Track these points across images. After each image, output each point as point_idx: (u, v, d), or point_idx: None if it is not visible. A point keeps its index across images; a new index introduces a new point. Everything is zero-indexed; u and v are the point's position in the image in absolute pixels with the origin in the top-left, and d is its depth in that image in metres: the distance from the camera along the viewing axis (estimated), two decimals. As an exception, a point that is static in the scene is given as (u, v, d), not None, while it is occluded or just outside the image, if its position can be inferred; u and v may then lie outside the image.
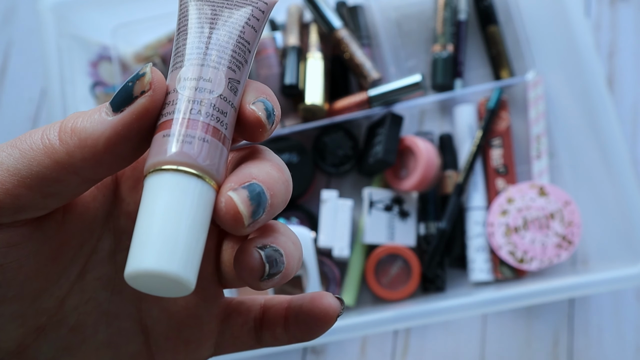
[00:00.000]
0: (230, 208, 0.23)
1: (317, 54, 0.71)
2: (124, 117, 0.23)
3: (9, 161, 0.22)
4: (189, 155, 0.23)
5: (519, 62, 0.74)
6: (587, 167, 0.69)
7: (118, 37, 0.73)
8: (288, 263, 0.25)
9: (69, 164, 0.22)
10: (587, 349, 0.70)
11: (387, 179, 0.72)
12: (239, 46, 0.26)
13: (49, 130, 0.23)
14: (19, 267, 0.23)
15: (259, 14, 0.27)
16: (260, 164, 0.24)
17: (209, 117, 0.24)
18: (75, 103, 0.71)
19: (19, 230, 0.23)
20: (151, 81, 0.23)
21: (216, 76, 0.25)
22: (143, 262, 0.21)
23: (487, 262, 0.70)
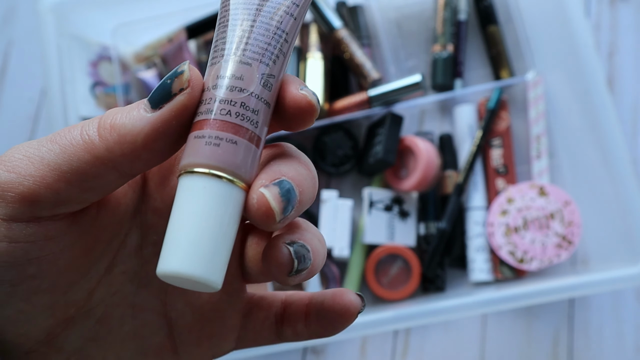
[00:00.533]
0: (262, 204, 0.23)
1: (317, 54, 0.71)
2: (163, 114, 0.23)
3: (50, 156, 0.23)
4: (217, 158, 0.23)
5: (519, 62, 0.74)
6: (587, 167, 0.69)
7: (118, 37, 0.73)
8: (314, 259, 0.25)
9: (108, 159, 0.23)
10: (587, 349, 0.70)
11: (387, 179, 0.72)
12: (275, 38, 0.25)
13: (88, 126, 0.23)
14: (55, 259, 0.24)
15: (301, 0, 0.27)
16: (289, 161, 0.25)
17: (238, 117, 0.24)
18: (75, 103, 0.71)
19: (57, 223, 0.24)
20: (189, 79, 0.23)
21: (249, 73, 0.24)
22: (172, 263, 0.22)
23: (487, 262, 0.70)
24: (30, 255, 0.23)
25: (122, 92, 0.73)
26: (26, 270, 0.23)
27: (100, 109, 0.74)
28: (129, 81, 0.75)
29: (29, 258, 0.23)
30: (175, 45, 0.73)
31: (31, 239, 0.23)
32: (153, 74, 0.75)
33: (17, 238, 0.23)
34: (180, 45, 0.73)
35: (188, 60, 0.24)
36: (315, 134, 0.73)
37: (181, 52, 0.73)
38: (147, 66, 0.75)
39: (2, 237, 0.23)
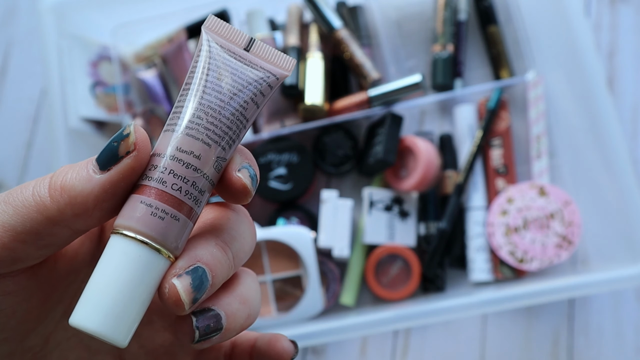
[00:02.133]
0: (173, 295, 0.24)
1: (317, 54, 0.71)
2: (111, 176, 0.24)
3: (4, 217, 0.24)
4: (154, 229, 0.24)
5: (519, 62, 0.74)
6: (587, 167, 0.69)
7: (118, 37, 0.73)
8: (229, 325, 0.26)
9: (60, 220, 0.24)
10: (587, 349, 0.70)
11: (387, 179, 0.72)
12: (237, 124, 0.26)
13: (39, 186, 0.24)
14: (13, 312, 0.25)
15: (267, 90, 0.27)
16: (208, 242, 0.26)
17: (187, 196, 0.25)
18: (76, 103, 0.71)
19: (15, 279, 0.24)
20: (135, 142, 0.24)
21: (206, 154, 0.25)
22: (81, 317, 0.23)
23: (487, 262, 0.70)
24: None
25: (122, 92, 0.73)
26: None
27: (100, 109, 0.74)
28: (129, 81, 0.75)
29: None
30: (175, 45, 0.73)
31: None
32: (153, 74, 0.75)
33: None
34: (180, 45, 0.73)
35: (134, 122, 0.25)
36: (315, 134, 0.73)
37: (181, 52, 0.73)
38: (147, 66, 0.75)
39: None
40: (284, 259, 0.68)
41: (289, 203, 0.72)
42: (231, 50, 0.27)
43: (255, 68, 0.27)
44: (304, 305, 0.66)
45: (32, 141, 0.80)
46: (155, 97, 0.75)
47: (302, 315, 0.66)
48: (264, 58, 0.28)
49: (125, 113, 0.71)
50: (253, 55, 0.27)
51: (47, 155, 0.79)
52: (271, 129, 0.71)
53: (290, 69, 0.28)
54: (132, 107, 0.75)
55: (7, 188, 0.79)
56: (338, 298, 0.71)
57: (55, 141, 0.69)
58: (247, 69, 0.27)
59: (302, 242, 0.66)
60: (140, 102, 0.76)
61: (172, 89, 0.75)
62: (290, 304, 0.68)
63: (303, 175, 0.71)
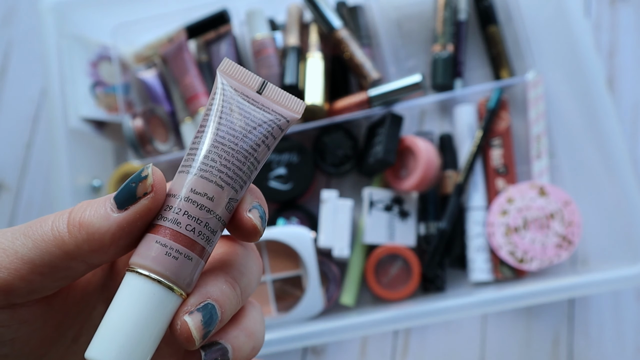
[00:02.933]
0: (184, 331, 0.25)
1: (317, 54, 0.71)
2: (128, 216, 0.25)
3: (23, 251, 0.25)
4: (168, 268, 0.25)
5: (519, 62, 0.74)
6: (587, 167, 0.69)
7: (118, 37, 0.73)
8: (235, 357, 0.27)
9: (77, 255, 0.25)
10: (587, 349, 0.70)
11: (387, 179, 0.72)
12: (249, 166, 0.27)
13: (58, 221, 0.25)
14: (28, 340, 0.26)
15: (278, 132, 0.28)
16: (218, 279, 0.27)
17: (200, 236, 0.26)
18: (76, 103, 0.71)
19: (30, 308, 0.26)
20: (152, 184, 0.25)
21: (219, 196, 0.26)
22: (97, 351, 0.24)
23: (487, 262, 0.70)
24: (4, 338, 0.25)
25: (122, 92, 0.73)
26: (0, 351, 0.25)
27: (100, 109, 0.74)
28: (129, 81, 0.75)
29: (3, 340, 0.25)
30: (175, 45, 0.73)
31: (6, 323, 0.25)
32: (153, 74, 0.75)
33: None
34: (180, 45, 0.73)
35: (151, 164, 0.27)
36: (315, 134, 0.73)
37: (181, 52, 0.73)
38: (147, 66, 0.75)
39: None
40: (284, 259, 0.68)
41: (289, 203, 0.72)
42: (244, 93, 0.28)
43: (267, 111, 0.28)
44: (304, 305, 0.66)
45: (32, 141, 0.80)
46: (155, 97, 0.75)
47: (302, 315, 0.66)
48: (276, 101, 0.29)
49: (125, 113, 0.71)
50: (265, 98, 0.29)
51: (47, 156, 0.79)
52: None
53: (300, 111, 0.29)
54: (132, 107, 0.75)
55: (7, 188, 0.79)
56: (338, 298, 0.71)
57: (55, 141, 0.69)
58: (259, 112, 0.28)
59: (302, 242, 0.66)
60: (140, 102, 0.76)
61: (172, 89, 0.75)
62: (290, 304, 0.68)
63: (303, 175, 0.71)
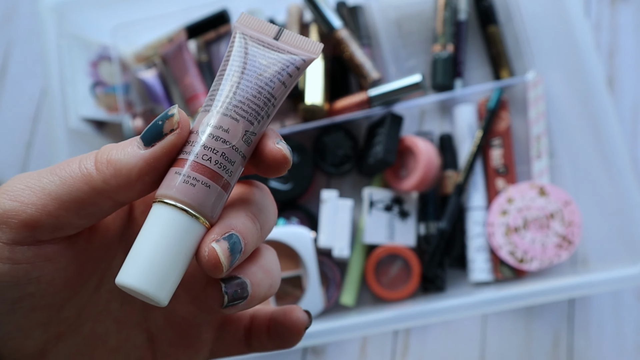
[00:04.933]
0: (212, 257, 0.26)
1: (317, 54, 0.71)
2: (155, 151, 0.26)
3: (51, 187, 0.26)
4: (190, 196, 0.26)
5: (519, 62, 0.74)
6: (587, 167, 0.69)
7: (118, 37, 0.73)
8: (254, 292, 0.28)
9: (104, 190, 0.26)
10: (587, 349, 0.70)
11: (387, 179, 0.72)
12: (265, 101, 0.28)
13: (86, 160, 0.26)
14: (52, 279, 0.27)
15: (294, 71, 0.29)
16: (240, 213, 0.28)
17: (217, 165, 0.27)
18: (76, 103, 0.71)
19: (55, 246, 0.26)
20: (179, 121, 0.27)
21: (235, 128, 0.28)
22: (128, 277, 0.25)
23: (487, 262, 0.70)
24: (31, 275, 0.26)
25: (122, 92, 0.73)
26: (26, 289, 0.26)
27: (100, 109, 0.74)
28: (129, 81, 0.75)
29: (29, 278, 0.26)
30: (175, 45, 0.73)
31: (32, 260, 0.26)
32: (153, 74, 0.75)
33: (19, 260, 0.25)
34: (180, 45, 0.73)
35: (177, 104, 0.28)
36: (315, 134, 0.73)
37: (181, 52, 0.73)
38: (147, 66, 0.75)
39: (5, 259, 0.25)
40: (284, 259, 0.68)
41: (289, 203, 0.72)
42: (261, 39, 0.30)
43: (282, 52, 0.29)
44: (304, 305, 0.66)
45: (32, 141, 0.80)
46: (155, 97, 0.75)
47: (302, 315, 0.66)
48: (293, 44, 0.30)
49: (125, 113, 0.71)
50: (282, 42, 0.30)
51: (47, 156, 0.79)
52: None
53: (318, 52, 0.30)
54: (132, 107, 0.75)
55: (7, 188, 0.79)
56: (338, 298, 0.71)
57: (55, 141, 0.69)
58: (275, 54, 0.29)
59: (302, 242, 0.66)
60: (140, 102, 0.76)
61: (172, 89, 0.75)
62: (290, 304, 0.68)
63: (303, 175, 0.71)
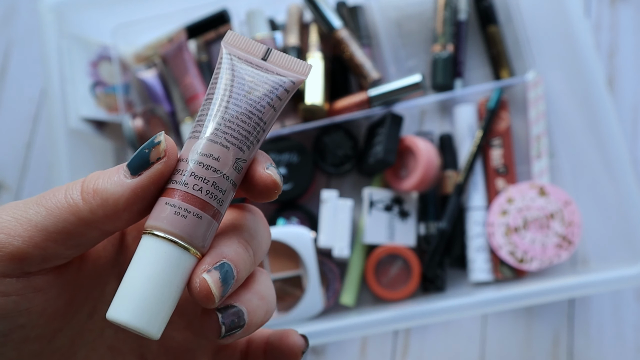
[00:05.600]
0: (203, 288, 0.25)
1: (317, 54, 0.71)
2: (142, 181, 0.26)
3: (37, 218, 0.25)
4: (181, 228, 0.26)
5: (519, 62, 0.74)
6: (587, 167, 0.69)
7: (118, 37, 0.73)
8: (250, 320, 0.27)
9: (91, 221, 0.25)
10: (587, 349, 0.70)
11: (387, 179, 0.72)
12: (254, 126, 0.28)
13: (72, 189, 0.26)
14: (43, 310, 0.26)
15: (283, 94, 0.29)
16: (232, 241, 0.27)
17: (208, 195, 0.26)
18: (76, 103, 0.71)
19: (44, 277, 0.26)
20: (166, 149, 0.26)
21: (225, 156, 0.27)
22: (118, 312, 0.25)
23: (487, 262, 0.70)
24: (21, 307, 0.25)
25: (122, 92, 0.73)
26: (17, 321, 0.26)
27: (100, 109, 0.74)
28: (129, 81, 0.75)
29: (19, 310, 0.25)
30: (175, 45, 0.73)
31: (21, 292, 0.25)
32: (153, 74, 0.75)
33: (8, 292, 0.25)
34: (180, 45, 0.73)
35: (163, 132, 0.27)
36: (315, 134, 0.73)
37: (181, 52, 0.73)
38: (147, 66, 0.75)
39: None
40: (284, 259, 0.68)
41: (289, 203, 0.72)
42: (249, 60, 0.29)
43: (271, 74, 0.29)
44: (304, 305, 0.66)
45: (32, 141, 0.80)
46: (155, 97, 0.75)
47: (302, 315, 0.66)
48: (281, 65, 0.29)
49: (125, 113, 0.71)
50: (270, 63, 0.29)
51: (47, 156, 0.79)
52: (271, 129, 0.71)
53: (306, 73, 0.29)
54: (132, 107, 0.75)
55: (7, 188, 0.79)
56: (338, 298, 0.71)
57: (55, 141, 0.69)
58: (264, 75, 0.28)
59: (302, 242, 0.66)
60: (140, 102, 0.76)
61: (172, 89, 0.75)
62: (290, 304, 0.68)
63: (303, 175, 0.71)
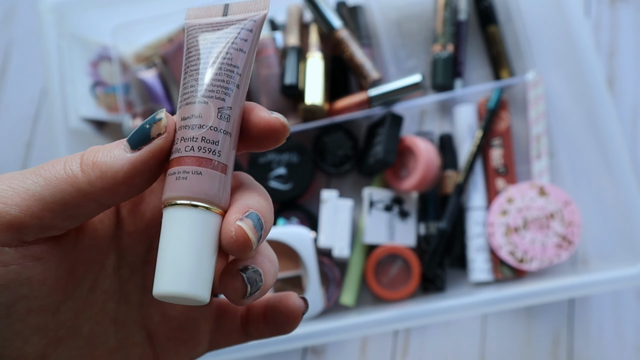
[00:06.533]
0: (241, 235, 0.26)
1: (317, 54, 0.71)
2: (142, 155, 0.26)
3: (35, 188, 0.25)
4: (187, 189, 0.26)
5: (519, 62, 0.74)
6: (587, 167, 0.69)
7: (118, 37, 0.73)
8: (266, 280, 0.28)
9: (89, 192, 0.26)
10: (587, 349, 0.70)
11: (387, 179, 0.72)
12: (229, 74, 0.28)
13: (71, 161, 0.26)
14: (44, 279, 0.27)
15: (247, 34, 0.29)
16: (251, 194, 0.28)
17: (201, 151, 0.27)
18: (76, 103, 0.71)
19: (42, 246, 0.26)
20: (166, 125, 0.27)
21: (206, 111, 0.27)
22: (164, 285, 0.25)
23: (487, 262, 0.70)
24: (22, 277, 0.26)
25: (122, 92, 0.73)
26: (19, 291, 0.26)
27: (100, 109, 0.74)
28: (129, 81, 0.75)
29: (20, 279, 0.26)
30: (175, 45, 0.73)
31: (20, 261, 0.25)
32: (153, 74, 0.75)
33: (7, 262, 0.25)
34: (180, 45, 0.73)
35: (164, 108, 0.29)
36: (315, 134, 0.73)
37: (181, 52, 0.73)
38: (147, 66, 0.75)
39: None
40: (284, 259, 0.68)
41: (289, 203, 0.72)
42: (210, 23, 0.29)
43: (231, 24, 0.29)
44: (304, 305, 0.66)
45: (32, 141, 0.80)
46: (155, 97, 0.75)
47: (302, 315, 0.66)
48: (241, 12, 0.29)
49: (125, 113, 0.71)
50: (231, 15, 0.29)
51: (47, 156, 0.79)
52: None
53: (266, 6, 0.29)
54: (132, 107, 0.75)
55: (7, 188, 0.79)
56: (338, 298, 0.71)
57: (55, 141, 0.69)
58: (224, 31, 0.29)
59: (302, 242, 0.66)
60: (140, 102, 0.76)
61: (172, 89, 0.75)
62: (290, 304, 0.68)
63: (303, 175, 0.71)
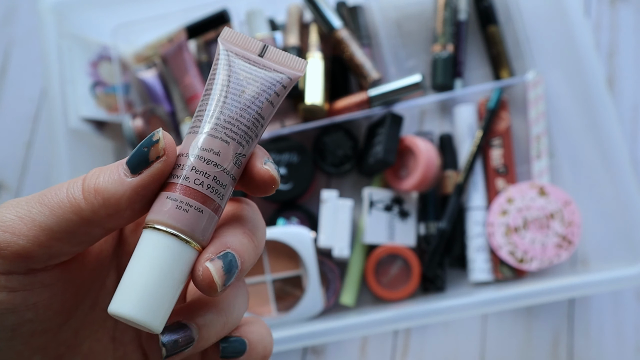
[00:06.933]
0: (206, 277, 0.26)
1: (317, 54, 0.71)
2: (143, 180, 0.26)
3: (41, 218, 0.25)
4: (183, 222, 0.26)
5: (519, 62, 0.74)
6: (587, 167, 0.69)
7: (118, 37, 0.73)
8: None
9: (94, 220, 0.26)
10: (587, 349, 0.70)
11: (387, 179, 0.72)
12: (254, 122, 0.28)
13: (73, 188, 0.26)
14: (49, 304, 0.27)
15: (281, 90, 0.29)
16: (235, 231, 0.28)
17: (209, 189, 0.27)
18: (76, 103, 0.71)
19: (49, 273, 0.27)
20: (165, 147, 0.26)
21: (225, 150, 0.27)
22: (121, 306, 0.25)
23: (487, 262, 0.70)
24: (28, 302, 0.26)
25: (122, 92, 0.73)
26: (25, 315, 0.26)
27: (100, 109, 0.74)
28: (129, 81, 0.75)
29: (27, 304, 0.26)
30: (175, 45, 0.73)
31: (28, 287, 0.26)
32: (153, 74, 0.75)
33: (15, 287, 0.26)
34: (180, 45, 0.73)
35: (161, 128, 0.28)
36: (315, 134, 0.73)
37: (181, 52, 0.73)
38: (147, 66, 0.75)
39: (2, 287, 0.25)
40: (284, 259, 0.68)
41: (289, 203, 0.72)
42: (246, 57, 0.29)
43: (269, 71, 0.29)
44: (304, 305, 0.66)
45: (32, 141, 0.80)
46: (155, 97, 0.75)
47: (302, 315, 0.66)
48: (278, 61, 0.30)
49: (125, 113, 0.71)
50: (267, 60, 0.30)
51: (47, 155, 0.79)
52: (271, 129, 0.71)
53: (302, 69, 0.30)
54: (132, 107, 0.75)
55: (7, 188, 0.79)
56: (338, 298, 0.71)
57: (55, 141, 0.69)
58: (261, 72, 0.29)
59: (302, 242, 0.66)
60: (140, 102, 0.76)
61: (172, 89, 0.75)
62: (290, 304, 0.68)
63: (303, 175, 0.71)
